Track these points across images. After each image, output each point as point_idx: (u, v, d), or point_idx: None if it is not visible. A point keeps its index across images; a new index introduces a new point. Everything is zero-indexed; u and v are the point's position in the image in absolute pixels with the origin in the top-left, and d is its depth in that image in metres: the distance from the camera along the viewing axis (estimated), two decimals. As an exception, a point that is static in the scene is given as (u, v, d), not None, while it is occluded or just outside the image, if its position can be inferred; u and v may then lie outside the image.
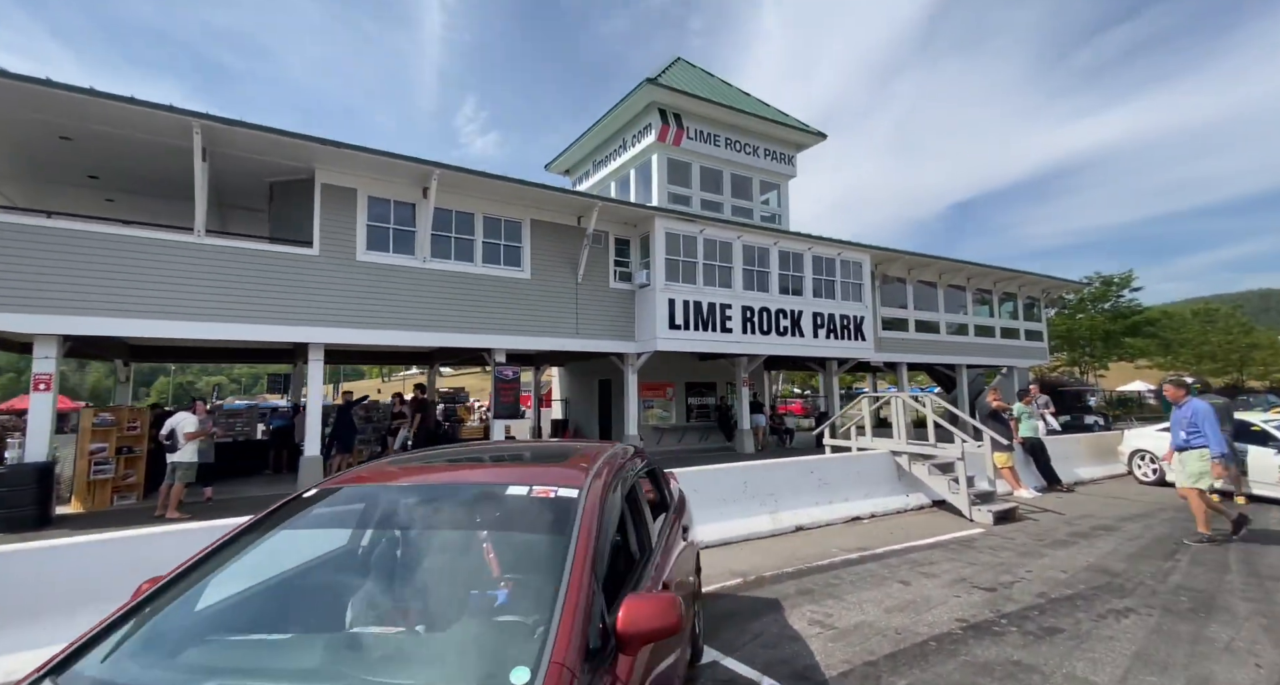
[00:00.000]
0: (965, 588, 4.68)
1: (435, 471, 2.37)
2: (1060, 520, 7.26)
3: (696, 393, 18.35)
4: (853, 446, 9.19)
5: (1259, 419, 8.56)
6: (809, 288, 16.17)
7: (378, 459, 2.95)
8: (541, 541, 1.84)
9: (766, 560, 5.58)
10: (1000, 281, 22.22)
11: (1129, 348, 32.76)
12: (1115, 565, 5.27)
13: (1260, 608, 4.16)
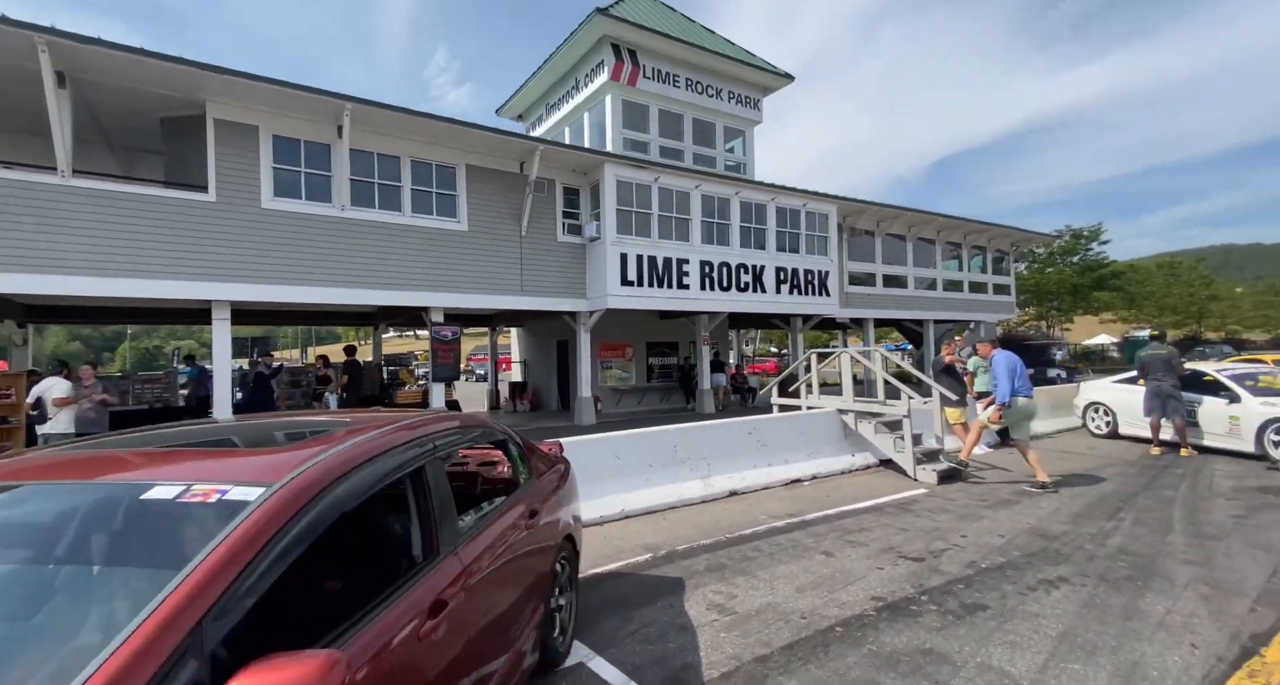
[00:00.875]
0: (892, 558, 4.28)
1: (64, 466, 1.69)
2: (1007, 478, 6.97)
3: (658, 352, 17.83)
4: (803, 405, 8.77)
5: (1212, 369, 8.33)
6: (772, 241, 15.50)
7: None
8: (140, 576, 1.20)
9: (686, 531, 5.13)
10: (970, 234, 21.80)
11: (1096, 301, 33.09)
12: (1056, 527, 4.94)
13: (1201, 573, 3.83)
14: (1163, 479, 6.57)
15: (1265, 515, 5.06)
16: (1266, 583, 3.63)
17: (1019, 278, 32.68)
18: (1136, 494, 5.96)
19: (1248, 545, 4.31)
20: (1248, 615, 3.20)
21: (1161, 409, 7.95)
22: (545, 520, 2.82)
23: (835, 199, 16.72)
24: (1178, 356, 8.12)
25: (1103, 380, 10.27)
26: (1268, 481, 6.25)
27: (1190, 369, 8.38)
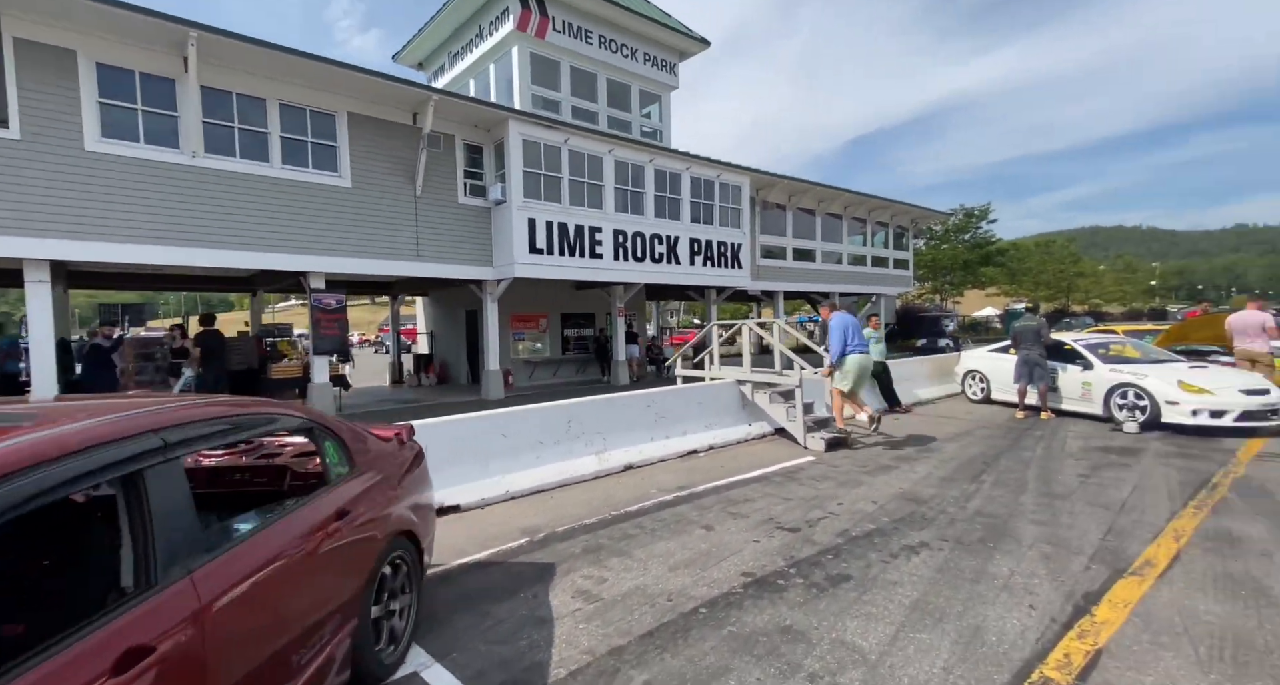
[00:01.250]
0: (769, 529, 4.26)
1: None
2: (889, 443, 7.29)
3: (573, 323, 17.39)
4: (706, 376, 8.74)
5: (1070, 338, 9.10)
6: (686, 212, 15.33)
7: None
8: None
9: (572, 510, 4.89)
10: (874, 210, 22.77)
11: (984, 276, 36.03)
12: (925, 491, 5.15)
13: (1045, 532, 4.08)
14: (1024, 441, 7.11)
15: (1106, 474, 5.55)
16: (1102, 540, 3.91)
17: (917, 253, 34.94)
18: (1000, 456, 6.39)
19: (1089, 504, 4.67)
20: (1082, 574, 3.40)
21: (1029, 376, 8.63)
22: (366, 518, 2.43)
23: (749, 171, 16.76)
24: (1045, 327, 8.79)
25: (980, 349, 11.06)
26: (1110, 442, 6.92)
27: (1054, 339, 9.12)
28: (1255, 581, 3.19)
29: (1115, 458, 6.14)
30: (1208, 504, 4.57)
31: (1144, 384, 7.51)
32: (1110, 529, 4.10)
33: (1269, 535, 3.86)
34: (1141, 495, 4.83)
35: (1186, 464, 5.78)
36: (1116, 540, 3.89)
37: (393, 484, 2.79)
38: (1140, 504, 4.61)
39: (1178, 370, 7.60)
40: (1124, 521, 4.24)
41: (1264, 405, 6.82)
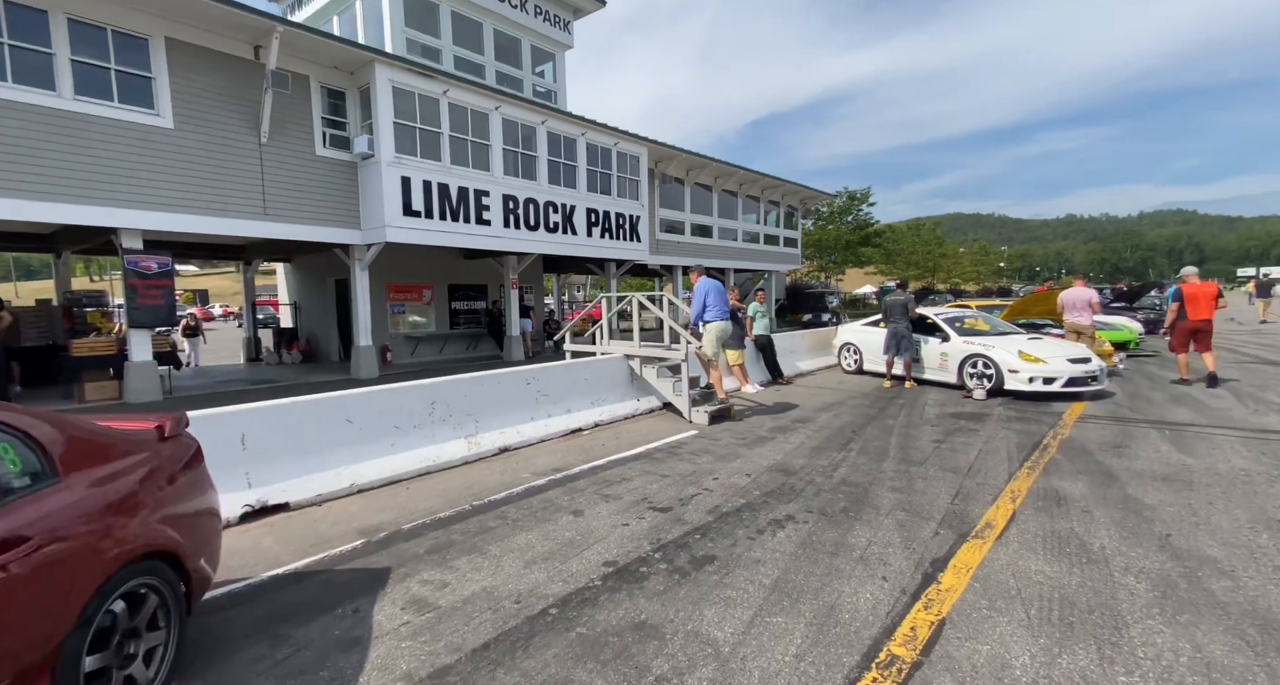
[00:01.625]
0: (641, 511, 4.03)
1: None
2: (769, 414, 7.42)
3: (463, 296, 16.28)
4: (597, 351, 8.40)
5: (932, 313, 9.79)
6: (583, 180, 14.70)
7: None
8: None
9: (428, 502, 4.37)
10: (767, 190, 23.43)
11: (863, 256, 38.75)
12: (797, 462, 5.20)
13: (901, 499, 4.20)
14: (889, 409, 7.52)
15: (957, 439, 5.94)
16: (950, 504, 4.08)
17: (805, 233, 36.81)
18: (867, 425, 6.68)
19: (941, 469, 4.92)
20: (932, 540, 3.48)
21: (895, 348, 9.17)
22: (72, 543, 1.80)
23: (647, 141, 16.39)
24: (912, 302, 9.34)
25: (854, 323, 11.68)
26: (962, 408, 7.49)
27: (920, 313, 9.77)
28: (1079, 539, 3.43)
29: (965, 423, 6.62)
30: (1040, 464, 4.98)
31: (991, 354, 8.22)
32: (958, 493, 4.32)
33: (1089, 493, 4.23)
34: (985, 458, 5.19)
35: (1023, 427, 6.35)
36: (963, 504, 4.08)
37: (136, 493, 2.14)
38: (984, 467, 4.93)
39: (1019, 341, 8.39)
40: (970, 484, 4.49)
41: (1086, 372, 7.71)
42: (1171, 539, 3.38)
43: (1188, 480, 4.40)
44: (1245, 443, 5.37)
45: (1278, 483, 4.28)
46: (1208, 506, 3.86)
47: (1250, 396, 7.53)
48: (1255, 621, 2.50)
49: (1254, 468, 4.64)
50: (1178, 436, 5.69)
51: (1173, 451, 5.18)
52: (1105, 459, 5.04)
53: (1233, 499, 3.99)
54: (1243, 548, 3.23)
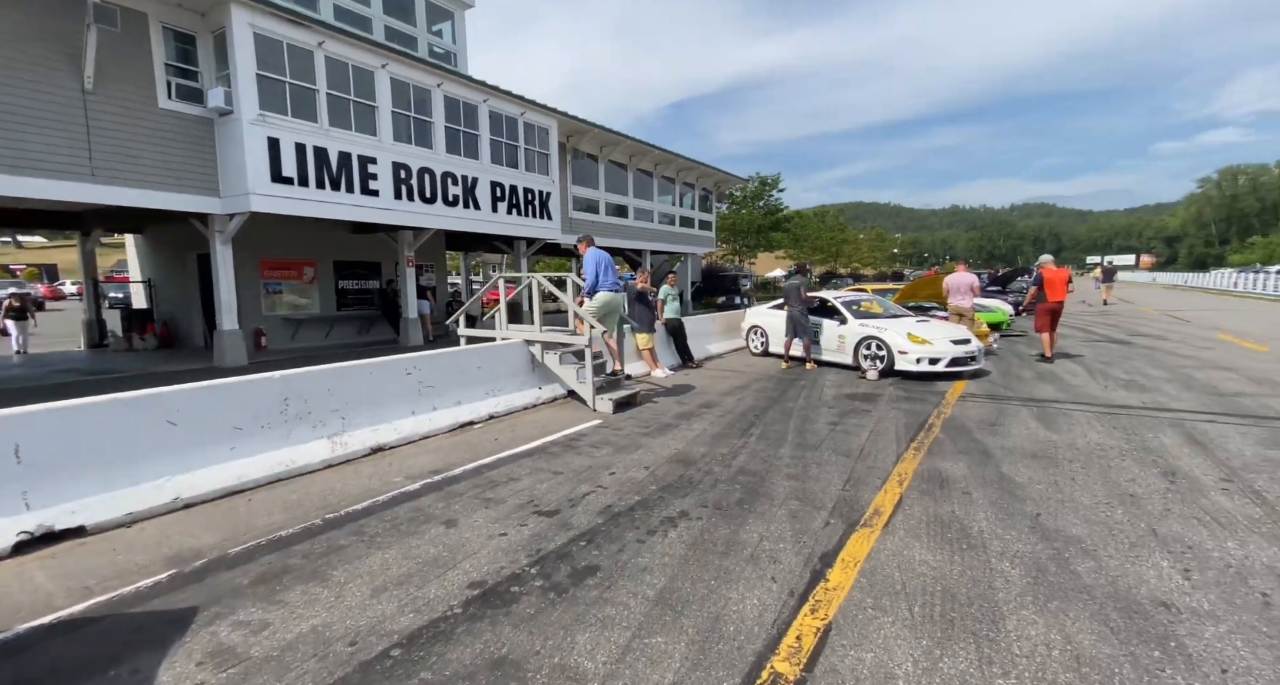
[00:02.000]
0: (524, 517, 3.65)
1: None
2: (675, 400, 7.25)
3: (353, 274, 14.87)
4: (497, 336, 7.81)
5: (832, 296, 10.05)
6: (486, 151, 13.74)
7: None
8: None
9: (270, 518, 3.73)
10: (683, 171, 23.34)
11: (773, 240, 40.02)
12: (698, 451, 5.02)
13: (796, 487, 4.11)
14: (790, 392, 7.60)
15: (851, 420, 6.04)
16: (841, 491, 4.04)
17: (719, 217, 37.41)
18: (768, 408, 6.68)
19: (835, 452, 4.93)
20: (822, 531, 3.38)
21: (793, 331, 9.32)
22: None
23: (556, 113, 15.62)
24: (804, 285, 9.47)
25: (761, 307, 11.84)
26: (856, 389, 7.71)
27: (818, 297, 9.99)
28: (959, 523, 3.46)
29: (859, 404, 6.79)
30: (925, 445, 5.12)
31: (883, 336, 8.53)
32: (849, 478, 4.30)
33: (969, 473, 4.36)
34: (876, 440, 5.28)
35: (911, 407, 6.59)
36: (854, 489, 4.05)
37: None
38: (875, 449, 5.00)
39: (908, 324, 8.78)
40: (861, 469, 4.50)
41: (966, 353, 8.18)
42: (1041, 518, 3.49)
43: (1053, 457, 4.66)
44: (1099, 418, 5.85)
45: (1127, 456, 4.63)
46: (1070, 483, 4.08)
47: (1101, 373, 8.33)
48: (1117, 604, 2.55)
49: (1107, 442, 5.01)
50: (1043, 413, 6.11)
51: (1040, 428, 5.52)
52: (983, 437, 5.28)
53: (1091, 474, 4.25)
54: (1101, 524, 3.39)
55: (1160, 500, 3.73)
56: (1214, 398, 6.56)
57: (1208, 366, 8.57)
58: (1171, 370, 8.37)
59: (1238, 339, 11.71)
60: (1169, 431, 5.28)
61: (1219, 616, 2.44)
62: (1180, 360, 9.22)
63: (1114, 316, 17.87)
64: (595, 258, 7.06)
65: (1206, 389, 7.02)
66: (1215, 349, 10.42)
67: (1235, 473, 4.18)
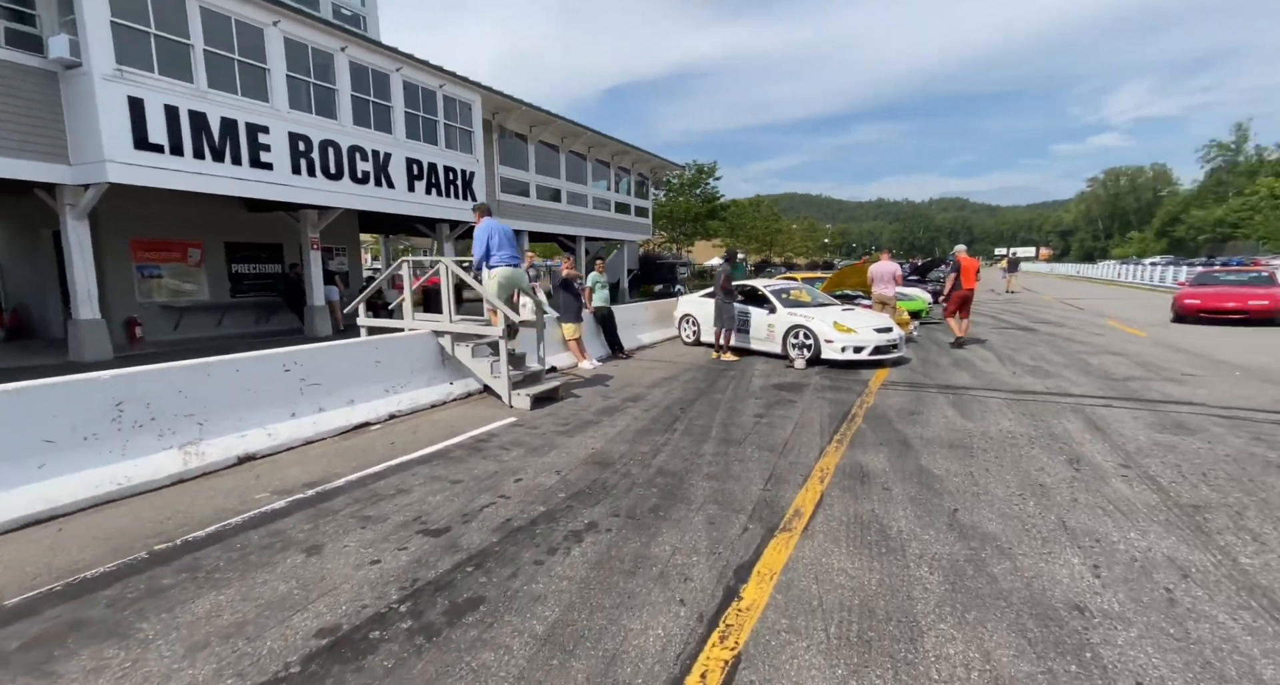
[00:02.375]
0: (405, 537, 3.17)
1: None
2: (600, 393, 6.88)
3: (248, 257, 13.44)
4: (405, 327, 7.12)
5: (761, 284, 9.96)
6: (400, 124, 12.69)
7: None
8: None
9: (78, 551, 3.05)
10: (618, 155, 22.82)
11: (710, 228, 40.28)
12: (617, 449, 4.68)
13: (715, 488, 3.85)
14: (719, 382, 7.41)
15: (777, 412, 5.89)
16: (763, 490, 3.81)
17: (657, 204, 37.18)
18: (696, 400, 6.44)
19: (759, 448, 4.72)
20: (739, 539, 3.13)
21: (717, 319, 9.15)
22: None
23: (480, 88, 14.68)
24: (725, 273, 9.28)
25: (693, 295, 11.65)
26: (784, 379, 7.63)
27: (749, 285, 9.88)
28: (879, 523, 3.30)
29: (786, 395, 6.68)
30: (848, 436, 5.02)
31: (810, 325, 8.51)
32: (771, 475, 4.10)
33: (889, 466, 4.26)
34: (800, 433, 5.13)
35: (836, 396, 6.54)
36: (775, 488, 3.84)
37: None
38: (798, 443, 4.84)
39: (834, 312, 8.81)
40: (783, 464, 4.31)
41: (888, 341, 8.29)
42: (958, 514, 3.40)
43: (969, 447, 4.66)
44: (1009, 404, 6.00)
45: (1036, 444, 4.70)
46: (985, 474, 4.05)
47: (1009, 359, 8.69)
48: (1034, 611, 2.42)
49: (1017, 430, 5.10)
50: (959, 400, 6.21)
51: (957, 417, 5.57)
52: (903, 427, 5.24)
53: (1004, 464, 4.25)
54: (1015, 519, 3.32)
55: (1068, 489, 3.74)
56: (1108, 382, 6.91)
57: (1101, 352, 9.14)
58: (1070, 356, 8.86)
59: (1123, 325, 12.69)
60: (1071, 417, 5.45)
61: (1129, 619, 2.36)
62: (1077, 346, 9.81)
63: (1019, 304, 19.10)
64: (486, 229, 6.38)
65: (1101, 374, 7.42)
66: (1105, 335, 11.20)
67: (1131, 458, 4.30)
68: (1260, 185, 53.33)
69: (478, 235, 6.44)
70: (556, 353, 8.78)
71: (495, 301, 6.15)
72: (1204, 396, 6.08)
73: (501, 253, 6.39)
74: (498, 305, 6.12)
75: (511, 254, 6.48)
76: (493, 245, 6.36)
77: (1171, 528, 3.17)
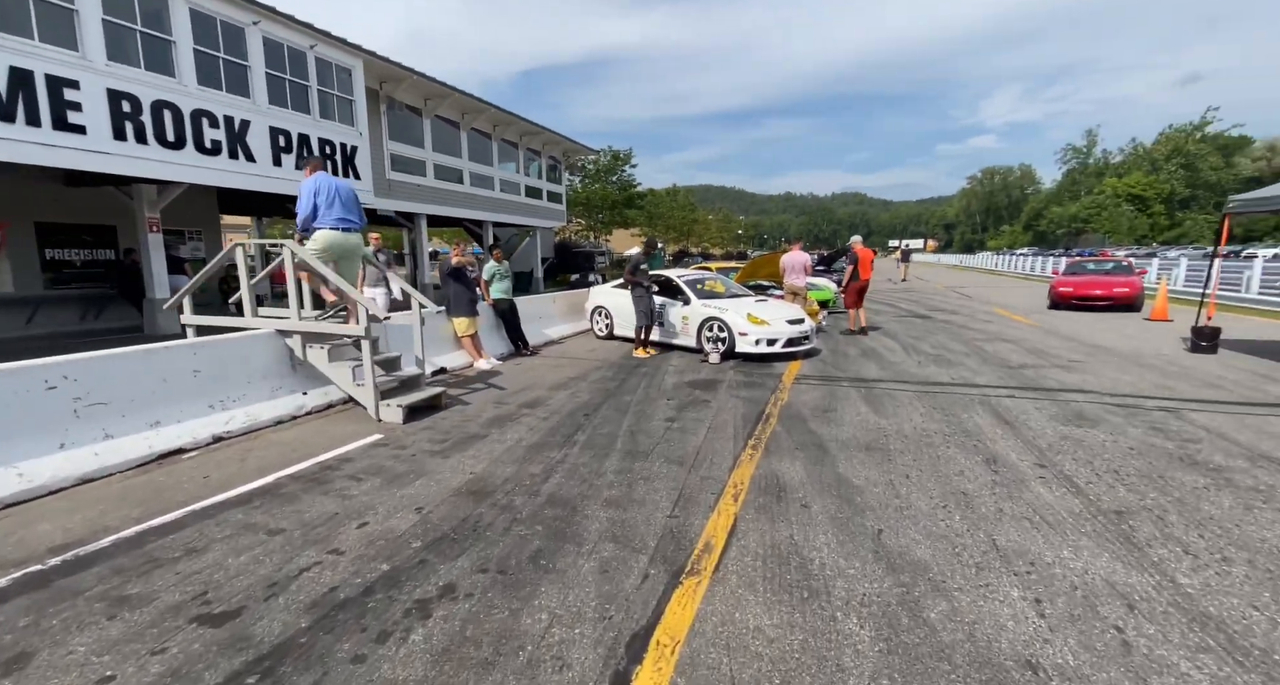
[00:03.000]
0: (167, 633, 2.26)
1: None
2: (494, 399, 6.06)
3: (70, 241, 11.13)
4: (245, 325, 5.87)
5: (675, 275, 9.47)
6: (261, 87, 10.90)
7: None
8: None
9: None
10: (526, 136, 21.54)
11: (628, 217, 39.72)
12: (502, 472, 3.93)
13: (614, 519, 3.22)
14: (630, 382, 6.81)
15: (689, 414, 5.36)
16: (669, 517, 3.24)
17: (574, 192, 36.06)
18: (603, 403, 5.79)
19: (668, 460, 4.16)
20: (637, 592, 2.51)
21: (637, 314, 8.57)
22: None
23: (361, 52, 13.01)
24: (634, 263, 8.69)
25: (605, 285, 10.96)
26: (698, 375, 7.16)
27: (664, 275, 9.34)
28: (799, 555, 2.81)
29: (699, 393, 6.19)
30: (763, 440, 4.58)
31: (724, 317, 8.11)
32: (680, 495, 3.53)
33: (805, 475, 3.83)
34: (714, 439, 4.63)
35: (750, 394, 6.14)
36: (683, 513, 3.28)
37: None
38: (711, 451, 4.32)
39: (748, 304, 8.47)
40: (694, 481, 3.77)
41: (800, 333, 8.06)
42: (884, 537, 2.99)
43: (885, 449, 4.35)
44: (919, 397, 5.85)
45: (951, 442, 4.48)
46: (906, 482, 3.71)
47: (912, 348, 8.78)
48: (982, 676, 1.99)
49: (930, 426, 4.89)
50: (870, 395, 6.00)
51: (870, 413, 5.31)
52: (818, 427, 4.89)
53: (923, 468, 3.95)
54: (944, 539, 2.96)
55: (991, 497, 3.47)
56: (1006, 370, 7.04)
57: (994, 339, 9.49)
58: (967, 343, 9.10)
59: (1008, 313, 13.52)
60: (980, 410, 5.35)
61: (1087, 677, 1.98)
62: (972, 333, 10.17)
63: (914, 293, 20.12)
64: (312, 185, 5.25)
65: (998, 361, 7.58)
66: (994, 322, 11.80)
67: (1045, 456, 4.15)
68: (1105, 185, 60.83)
69: (302, 191, 5.26)
70: (448, 352, 7.80)
71: (321, 269, 5.08)
72: (1094, 384, 6.27)
73: (331, 213, 5.24)
74: (323, 273, 5.11)
75: (345, 217, 5.34)
76: (320, 202, 5.20)
77: (1101, 541, 2.92)
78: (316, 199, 5.19)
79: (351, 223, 5.39)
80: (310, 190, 5.21)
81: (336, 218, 5.27)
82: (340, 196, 5.32)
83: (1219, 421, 4.87)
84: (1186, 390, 5.95)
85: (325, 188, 5.26)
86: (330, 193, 5.25)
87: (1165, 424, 4.82)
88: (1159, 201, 57.27)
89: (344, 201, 5.35)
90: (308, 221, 5.26)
